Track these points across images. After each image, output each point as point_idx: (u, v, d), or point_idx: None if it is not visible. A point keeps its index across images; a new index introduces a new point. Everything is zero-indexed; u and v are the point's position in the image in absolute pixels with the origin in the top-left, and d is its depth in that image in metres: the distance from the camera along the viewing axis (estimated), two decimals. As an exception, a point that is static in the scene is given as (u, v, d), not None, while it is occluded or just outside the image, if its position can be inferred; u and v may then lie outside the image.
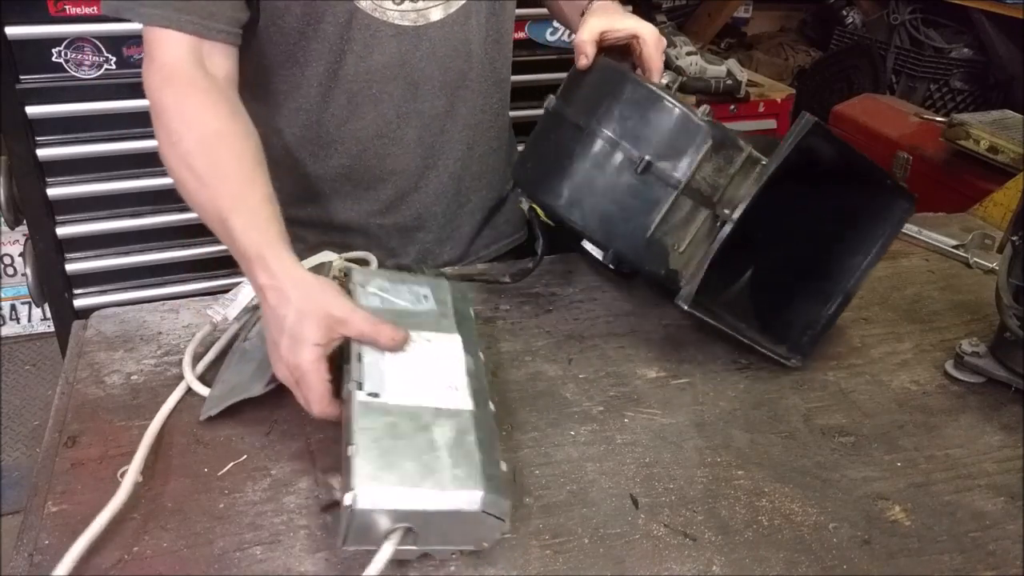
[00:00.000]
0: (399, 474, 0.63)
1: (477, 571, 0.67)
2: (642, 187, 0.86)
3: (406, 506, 0.62)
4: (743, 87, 2.60)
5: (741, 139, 0.87)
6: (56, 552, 0.66)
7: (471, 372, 0.75)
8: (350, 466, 0.63)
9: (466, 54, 1.05)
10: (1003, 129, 2.01)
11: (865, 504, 0.76)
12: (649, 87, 0.88)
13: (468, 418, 0.69)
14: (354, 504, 0.60)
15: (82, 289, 1.98)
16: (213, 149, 0.85)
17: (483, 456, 0.66)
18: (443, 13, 1.02)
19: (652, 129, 0.86)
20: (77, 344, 0.93)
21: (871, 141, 2.45)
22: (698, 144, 0.85)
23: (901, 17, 3.29)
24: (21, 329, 2.67)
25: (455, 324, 0.80)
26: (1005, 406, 0.91)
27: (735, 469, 0.80)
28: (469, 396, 0.72)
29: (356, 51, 1.00)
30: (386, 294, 0.81)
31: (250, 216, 0.80)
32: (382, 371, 0.72)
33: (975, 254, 1.21)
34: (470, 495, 0.63)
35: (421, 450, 0.65)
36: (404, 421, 0.67)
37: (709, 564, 0.69)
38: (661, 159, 0.85)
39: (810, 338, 0.94)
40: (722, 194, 0.86)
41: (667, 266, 0.88)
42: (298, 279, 0.77)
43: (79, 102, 1.79)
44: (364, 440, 0.65)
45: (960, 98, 3.22)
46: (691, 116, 0.86)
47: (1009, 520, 0.76)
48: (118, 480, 0.73)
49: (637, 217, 0.86)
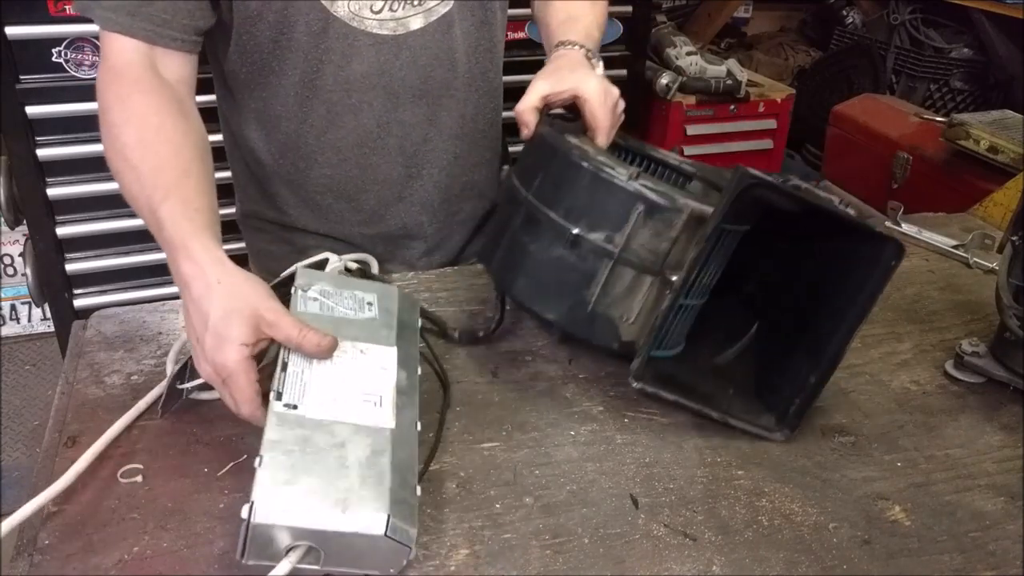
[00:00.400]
0: (303, 490, 0.61)
1: (477, 571, 0.67)
2: (577, 260, 0.81)
3: (306, 524, 0.60)
4: (743, 87, 2.60)
5: (681, 197, 0.79)
6: (56, 552, 0.66)
7: (401, 388, 0.73)
8: (254, 478, 0.62)
9: (450, 63, 1.04)
10: (1003, 129, 2.01)
11: (865, 504, 0.76)
12: (572, 157, 0.82)
13: (387, 437, 0.67)
14: (252, 517, 0.59)
15: (82, 289, 1.98)
16: (150, 143, 0.83)
17: (395, 478, 0.64)
18: (424, 22, 1.00)
19: (580, 199, 0.81)
20: (77, 344, 0.93)
21: (871, 141, 2.46)
22: (628, 211, 0.78)
23: (901, 17, 3.29)
24: (21, 329, 2.67)
25: (395, 336, 0.78)
26: (1005, 406, 0.91)
27: (735, 469, 0.80)
28: (392, 414, 0.70)
29: (334, 60, 0.99)
30: (327, 299, 0.78)
31: (181, 205, 0.78)
32: (305, 382, 0.70)
33: (975, 254, 1.21)
34: (374, 518, 0.61)
35: (331, 468, 0.63)
36: (319, 436, 0.66)
37: (709, 564, 0.69)
38: (592, 230, 0.80)
39: (797, 408, 0.83)
40: (666, 258, 0.79)
41: (619, 339, 0.82)
42: (225, 272, 0.73)
43: (79, 102, 1.79)
44: (272, 453, 0.63)
45: (960, 98, 3.22)
46: (617, 182, 0.79)
47: (1009, 520, 0.76)
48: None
49: (575, 292, 0.81)
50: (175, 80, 0.90)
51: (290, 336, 0.71)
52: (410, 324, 0.82)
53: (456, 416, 0.84)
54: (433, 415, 0.83)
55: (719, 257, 0.82)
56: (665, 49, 2.61)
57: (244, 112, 1.06)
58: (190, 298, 0.74)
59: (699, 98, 2.59)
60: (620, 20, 2.38)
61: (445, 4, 1.01)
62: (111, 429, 0.77)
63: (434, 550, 0.69)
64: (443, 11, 1.01)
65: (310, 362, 0.72)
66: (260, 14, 0.95)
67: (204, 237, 0.76)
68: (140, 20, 0.87)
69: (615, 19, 2.38)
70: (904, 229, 1.28)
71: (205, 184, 0.83)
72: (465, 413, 0.85)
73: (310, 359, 0.72)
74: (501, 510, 0.73)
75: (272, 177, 1.10)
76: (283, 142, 1.06)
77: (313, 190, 1.09)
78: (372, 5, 0.97)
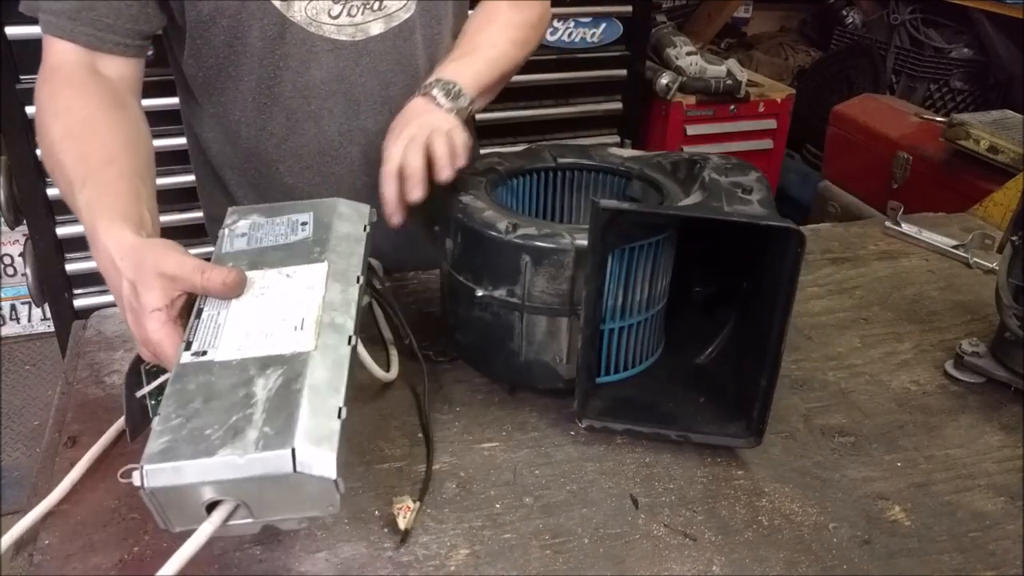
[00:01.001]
0: (198, 442, 0.55)
1: (477, 571, 0.67)
2: (493, 318, 0.82)
3: (206, 478, 0.55)
4: (743, 87, 2.60)
5: (566, 235, 0.77)
6: (56, 552, 0.66)
7: (332, 303, 0.66)
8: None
9: (412, 70, 1.02)
10: (1003, 129, 2.01)
11: (865, 504, 0.76)
12: (457, 217, 0.82)
13: (303, 362, 0.61)
14: (144, 483, 0.54)
15: (82, 289, 1.98)
16: (76, 135, 0.80)
17: (310, 405, 0.58)
18: (384, 27, 0.98)
19: (476, 259, 0.81)
20: (77, 344, 0.93)
21: (871, 141, 2.46)
22: (517, 263, 0.78)
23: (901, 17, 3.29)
24: (21, 329, 2.67)
25: (330, 250, 0.71)
26: (1005, 406, 0.91)
27: (735, 469, 0.80)
28: (313, 335, 0.63)
29: (292, 67, 0.97)
30: (257, 231, 0.73)
31: (97, 192, 0.74)
32: (219, 324, 0.64)
33: (975, 254, 1.21)
34: (278, 455, 0.55)
35: (233, 409, 0.57)
36: (224, 379, 0.60)
37: (709, 564, 0.69)
38: (496, 287, 0.80)
39: (759, 414, 0.79)
40: (572, 297, 0.78)
41: (561, 379, 0.83)
42: (128, 247, 0.69)
43: (79, 102, 1.79)
44: (168, 408, 0.58)
45: (960, 98, 3.21)
46: (497, 237, 0.78)
47: (1009, 520, 0.75)
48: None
49: (504, 345, 0.82)
50: (116, 77, 0.88)
51: (193, 282, 0.66)
52: (351, 235, 0.74)
53: (456, 416, 0.84)
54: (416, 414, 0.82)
55: (646, 271, 0.80)
56: (665, 49, 2.61)
57: (205, 116, 1.05)
58: (109, 286, 0.70)
59: (699, 98, 2.59)
60: (620, 20, 2.39)
61: (406, 10, 0.99)
62: (111, 429, 0.77)
63: (434, 550, 0.69)
64: (404, 17, 0.99)
65: (227, 303, 0.66)
66: (213, 18, 0.93)
67: (110, 220, 0.71)
68: (81, 25, 0.85)
69: (615, 19, 2.38)
70: (904, 229, 1.28)
71: (130, 171, 0.78)
72: (465, 413, 0.85)
73: (227, 302, 0.67)
74: (501, 510, 0.73)
75: (235, 181, 1.08)
76: (245, 148, 1.04)
77: (276, 197, 1.06)
78: (330, 10, 0.96)
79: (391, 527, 0.70)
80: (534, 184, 0.97)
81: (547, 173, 0.97)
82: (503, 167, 0.93)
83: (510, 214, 0.81)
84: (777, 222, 0.72)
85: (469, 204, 0.83)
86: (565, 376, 0.82)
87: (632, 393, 0.85)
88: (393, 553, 0.68)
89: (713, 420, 0.82)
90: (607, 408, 0.82)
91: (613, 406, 0.83)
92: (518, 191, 0.96)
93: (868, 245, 1.26)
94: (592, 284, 0.75)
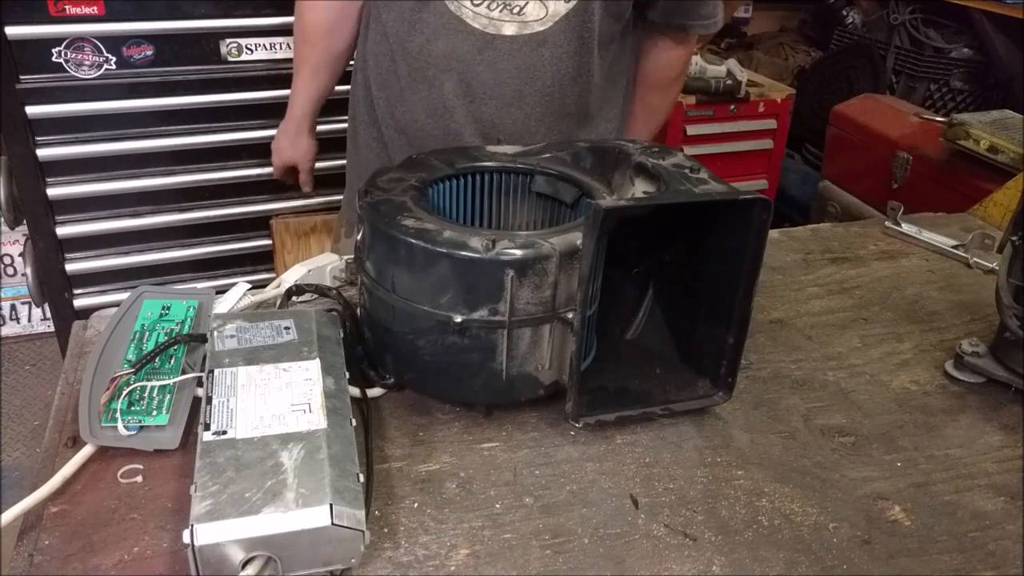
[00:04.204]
0: (240, 504, 0.62)
1: (477, 571, 0.67)
2: (471, 341, 0.77)
3: (251, 534, 0.61)
4: (743, 87, 2.60)
5: (545, 241, 0.76)
6: (56, 552, 0.66)
7: (330, 392, 0.75)
8: (190, 506, 0.62)
9: (528, 79, 1.07)
10: (1003, 129, 2.01)
11: (865, 504, 0.76)
12: (417, 243, 0.75)
13: (321, 437, 0.69)
14: (194, 541, 0.60)
15: (82, 289, 1.98)
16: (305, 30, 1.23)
17: (333, 470, 0.65)
18: (516, 31, 1.03)
19: (447, 285, 0.76)
20: (77, 344, 0.93)
21: (871, 141, 2.46)
22: (500, 280, 0.74)
23: (901, 17, 3.29)
24: (21, 329, 2.67)
25: (316, 350, 0.80)
26: (1005, 406, 0.91)
27: (735, 469, 0.80)
28: (323, 416, 0.71)
29: (425, 33, 1.06)
30: (245, 334, 0.82)
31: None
32: (232, 409, 0.72)
33: (975, 254, 1.21)
34: (317, 511, 0.62)
35: (266, 476, 0.65)
36: (250, 452, 0.67)
37: (709, 564, 0.69)
38: (474, 310, 0.76)
39: (727, 369, 0.82)
40: (555, 302, 0.77)
41: (542, 386, 0.82)
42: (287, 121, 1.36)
43: (79, 102, 1.79)
44: (204, 477, 0.64)
45: (960, 98, 3.22)
46: (476, 257, 0.74)
47: (1009, 520, 0.76)
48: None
49: (484, 367, 0.79)
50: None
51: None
52: (331, 337, 0.84)
53: (456, 416, 0.84)
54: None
55: (601, 259, 0.80)
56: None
57: (365, 41, 1.21)
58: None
59: (699, 98, 2.59)
60: (620, 20, 2.38)
61: (543, 23, 1.02)
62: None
63: (434, 550, 0.69)
64: (539, 28, 1.03)
65: (235, 392, 0.74)
66: None
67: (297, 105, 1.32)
68: None
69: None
70: (904, 229, 1.28)
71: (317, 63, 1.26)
72: (465, 413, 0.85)
73: (234, 390, 0.74)
74: (501, 510, 0.73)
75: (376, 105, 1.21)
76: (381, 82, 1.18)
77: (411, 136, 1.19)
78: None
79: (390, 527, 0.70)
80: (449, 192, 0.93)
81: (454, 180, 0.93)
82: (413, 179, 0.87)
83: (472, 229, 0.78)
84: (751, 195, 0.77)
85: (423, 225, 0.77)
86: (546, 382, 0.82)
87: (602, 382, 0.86)
88: (393, 553, 0.68)
89: (680, 387, 0.85)
90: (591, 403, 0.82)
91: (594, 399, 0.83)
92: (436, 203, 0.91)
93: (868, 245, 1.26)
94: (588, 285, 0.75)
